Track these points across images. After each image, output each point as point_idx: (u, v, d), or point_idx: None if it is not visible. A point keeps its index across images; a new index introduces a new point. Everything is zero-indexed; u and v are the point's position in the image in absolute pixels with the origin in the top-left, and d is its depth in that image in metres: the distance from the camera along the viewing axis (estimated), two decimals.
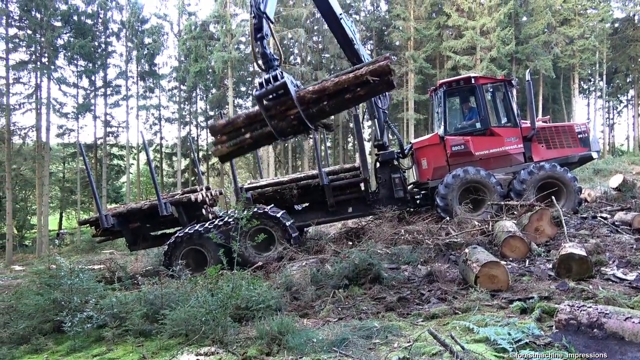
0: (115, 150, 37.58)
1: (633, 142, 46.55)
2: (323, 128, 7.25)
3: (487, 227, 7.85)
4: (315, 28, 36.03)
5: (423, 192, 10.44)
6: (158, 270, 8.40)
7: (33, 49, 28.45)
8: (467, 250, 5.91)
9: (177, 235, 8.77)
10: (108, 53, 33.23)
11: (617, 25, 41.11)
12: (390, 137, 10.98)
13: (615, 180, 11.31)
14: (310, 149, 35.15)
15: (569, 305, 3.75)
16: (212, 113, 38.29)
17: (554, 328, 3.74)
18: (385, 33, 37.27)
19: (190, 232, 8.68)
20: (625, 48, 39.78)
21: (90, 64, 31.76)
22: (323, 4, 9.05)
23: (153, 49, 34.51)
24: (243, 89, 39.36)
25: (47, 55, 28.44)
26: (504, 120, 9.92)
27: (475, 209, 9.04)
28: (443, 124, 9.93)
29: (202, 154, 40.03)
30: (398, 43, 37.28)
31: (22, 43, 28.00)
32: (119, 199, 37.14)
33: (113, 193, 37.59)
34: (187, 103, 38.53)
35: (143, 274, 8.93)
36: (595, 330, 3.45)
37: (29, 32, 27.99)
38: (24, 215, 34.61)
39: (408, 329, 4.34)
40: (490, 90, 10.02)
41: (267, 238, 6.67)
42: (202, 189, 10.26)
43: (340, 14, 9.26)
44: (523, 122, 9.90)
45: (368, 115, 10.51)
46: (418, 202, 10.44)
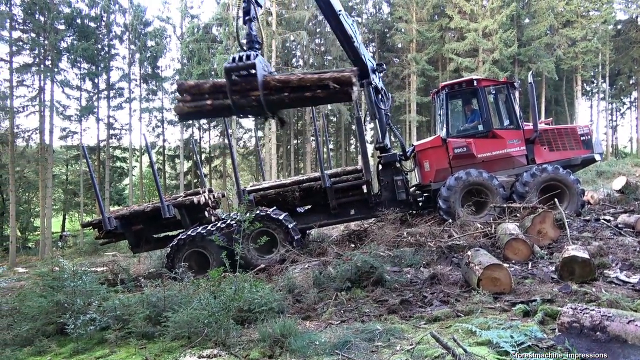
0: (118, 153, 37.75)
1: (636, 144, 46.53)
2: (278, 120, 7.42)
3: (489, 229, 7.84)
4: (318, 30, 36.11)
5: (425, 194, 10.44)
6: (161, 273, 8.40)
7: (37, 52, 28.61)
8: (469, 253, 5.90)
9: (179, 238, 8.79)
10: (111, 56, 33.41)
11: (620, 27, 41.05)
12: (393, 139, 10.97)
13: (619, 183, 11.29)
14: (313, 152, 35.18)
15: (572, 308, 3.74)
16: None
17: (557, 331, 3.73)
18: (388, 35, 37.36)
19: (193, 234, 8.69)
20: (628, 50, 39.72)
21: (94, 67, 31.93)
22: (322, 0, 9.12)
23: (156, 52, 34.67)
24: None
25: (50, 58, 28.59)
26: (507, 123, 9.91)
27: (478, 212, 9.03)
28: (445, 126, 9.93)
29: (204, 157, 40.12)
30: (400, 45, 37.34)
31: (25, 46, 28.17)
32: (122, 201, 37.23)
33: (116, 195, 37.70)
34: None
35: (146, 276, 8.94)
36: (598, 333, 3.44)
37: (33, 35, 28.16)
38: (27, 218, 34.74)
39: (410, 332, 4.33)
40: (493, 93, 10.01)
41: (269, 240, 6.67)
42: (204, 192, 10.28)
43: (340, 11, 9.25)
44: (525, 124, 9.90)
45: (370, 116, 10.52)
46: (420, 204, 10.43)
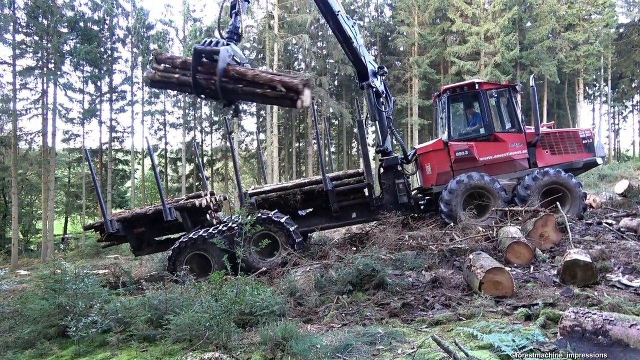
0: (121, 156, 37.82)
1: (638, 147, 46.40)
2: (232, 109, 7.85)
3: (491, 233, 7.83)
4: (320, 34, 36.17)
5: (427, 197, 10.43)
6: (162, 276, 8.42)
7: (40, 55, 28.70)
8: (471, 256, 5.90)
9: (181, 241, 8.79)
10: (114, 59, 33.50)
11: (622, 31, 41.02)
12: (394, 142, 10.98)
13: (621, 186, 11.28)
14: (315, 155, 35.20)
15: (574, 312, 3.73)
16: (216, 118, 38.44)
17: (559, 335, 3.72)
18: (390, 39, 37.43)
19: (194, 237, 8.70)
20: (631, 53, 39.69)
21: (96, 70, 32.02)
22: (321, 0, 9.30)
23: None
24: None
25: (53, 61, 28.67)
26: (508, 126, 9.89)
27: (480, 215, 9.01)
28: (447, 130, 9.92)
29: (206, 159, 40.16)
30: (402, 48, 37.38)
31: (29, 49, 28.26)
32: (124, 204, 37.29)
33: (118, 198, 37.76)
34: (191, 109, 38.70)
35: (147, 279, 8.94)
36: (600, 337, 3.42)
37: (36, 38, 28.25)
38: (30, 220, 34.81)
39: (412, 335, 4.33)
40: (494, 96, 10.00)
41: (271, 243, 6.68)
42: (206, 194, 10.29)
43: (338, 11, 9.42)
44: (527, 127, 9.89)
45: (370, 119, 10.52)
46: (422, 207, 10.42)
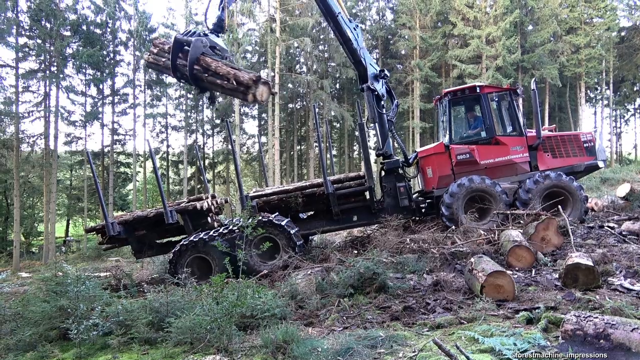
0: (122, 158, 37.89)
1: None
2: (208, 97, 9.07)
3: (493, 236, 7.82)
4: (322, 37, 36.23)
5: (428, 200, 10.42)
6: (164, 278, 8.41)
7: (42, 58, 28.84)
8: (472, 260, 5.89)
9: (181, 244, 8.79)
10: (116, 62, 33.60)
11: (623, 34, 40.99)
12: (396, 145, 10.99)
13: (623, 190, 11.26)
14: (316, 157, 35.21)
15: (576, 316, 3.72)
16: (218, 121, 38.50)
17: (560, 338, 3.72)
18: (391, 42, 37.46)
19: (195, 240, 8.69)
20: (632, 57, 39.63)
21: (99, 73, 32.12)
22: (322, 1, 9.51)
23: None
24: None
25: (56, 64, 28.79)
26: (510, 129, 9.90)
27: (481, 218, 9.01)
28: (448, 133, 9.93)
29: (208, 162, 40.20)
30: (404, 52, 37.44)
31: (31, 52, 28.38)
32: (126, 207, 37.34)
33: (120, 200, 37.82)
34: (193, 111, 38.80)
35: (149, 282, 8.96)
36: (602, 341, 3.42)
37: (39, 41, 28.38)
38: (31, 223, 34.85)
39: (413, 339, 4.32)
40: (496, 99, 10.01)
41: (272, 246, 6.68)
42: (207, 197, 10.28)
43: (339, 13, 9.51)
44: (528, 131, 9.89)
45: (370, 121, 10.51)
46: (423, 210, 10.40)
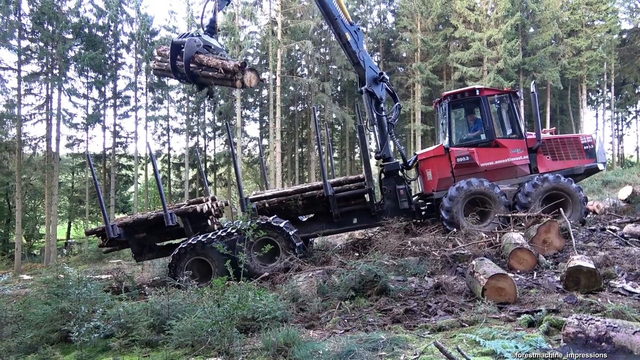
0: (124, 161, 37.96)
1: None
2: (206, 92, 9.76)
3: (494, 239, 7.81)
4: (323, 40, 36.32)
5: (428, 203, 10.41)
6: (165, 281, 8.40)
7: (45, 61, 28.95)
8: (474, 262, 5.88)
9: (180, 247, 8.78)
10: (118, 65, 33.73)
11: (625, 37, 41.01)
12: (395, 148, 11.00)
13: (624, 192, 11.24)
14: (317, 160, 35.23)
15: (577, 319, 3.72)
16: (219, 124, 38.56)
17: (562, 341, 3.71)
18: (392, 45, 37.50)
19: (194, 242, 8.69)
20: (634, 59, 39.63)
21: (100, 76, 32.23)
22: (321, 4, 9.88)
23: None
24: (250, 100, 39.63)
25: (58, 67, 28.90)
26: (509, 132, 9.89)
27: (482, 221, 8.99)
28: (448, 136, 9.93)
29: (209, 165, 40.24)
30: (405, 54, 37.49)
31: (34, 55, 28.51)
32: (127, 209, 37.38)
33: (121, 203, 37.86)
34: (195, 114, 38.87)
35: (150, 284, 8.96)
36: (604, 344, 3.41)
37: (41, 44, 28.51)
38: (33, 225, 34.94)
39: (414, 342, 4.31)
40: (495, 102, 10.01)
41: (272, 249, 6.67)
42: (207, 200, 10.29)
43: (338, 16, 9.80)
44: (528, 133, 9.88)
45: (369, 123, 10.52)
46: (423, 213, 10.39)
